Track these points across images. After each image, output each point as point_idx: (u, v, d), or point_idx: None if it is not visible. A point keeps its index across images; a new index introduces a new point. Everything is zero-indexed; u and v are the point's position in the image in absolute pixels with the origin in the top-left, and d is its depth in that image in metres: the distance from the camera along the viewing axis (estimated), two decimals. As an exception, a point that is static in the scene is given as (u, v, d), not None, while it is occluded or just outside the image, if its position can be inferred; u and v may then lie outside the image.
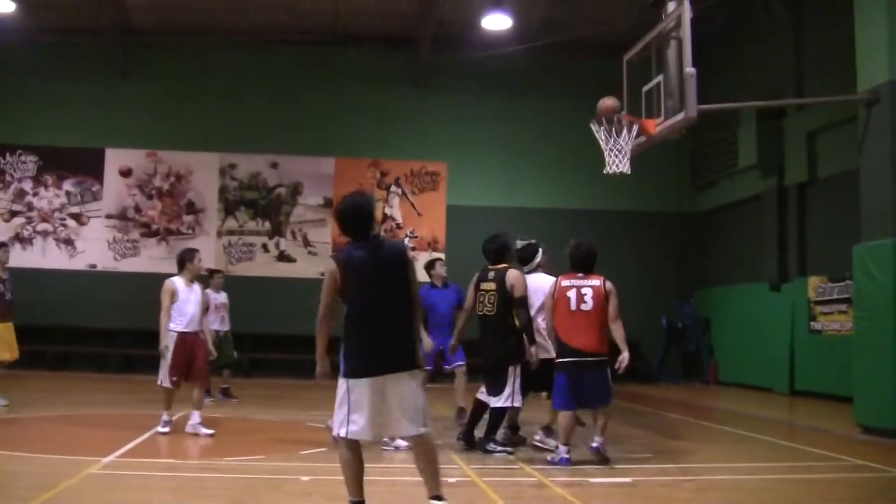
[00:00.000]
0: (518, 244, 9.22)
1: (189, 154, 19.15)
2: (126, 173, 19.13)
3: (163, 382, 8.88)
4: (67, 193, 18.97)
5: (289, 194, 19.29)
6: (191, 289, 8.95)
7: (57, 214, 18.91)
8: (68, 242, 18.88)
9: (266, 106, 19.17)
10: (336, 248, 4.63)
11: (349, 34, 19.06)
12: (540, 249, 8.93)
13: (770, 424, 11.37)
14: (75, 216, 18.97)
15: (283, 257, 19.11)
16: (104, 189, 19.03)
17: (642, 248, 19.25)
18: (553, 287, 7.84)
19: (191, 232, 19.11)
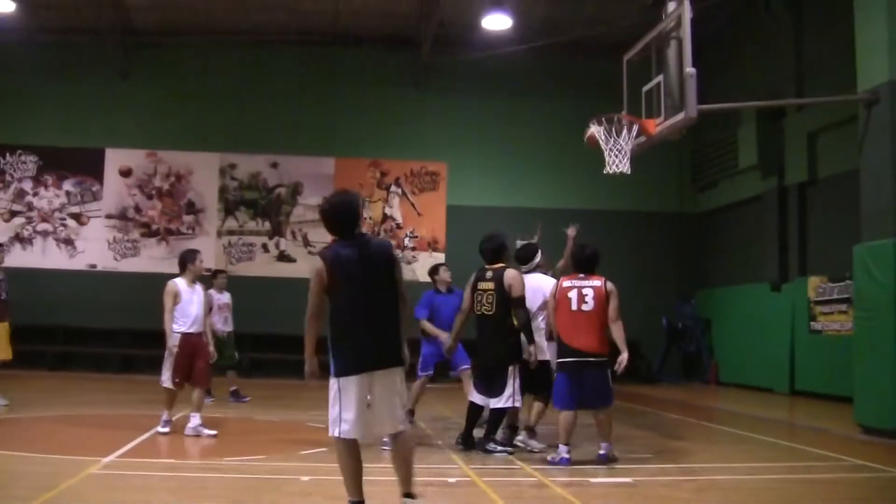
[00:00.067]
0: (518, 244, 9.22)
1: (189, 154, 19.16)
2: (126, 173, 19.13)
3: (165, 383, 8.89)
4: (67, 193, 18.98)
5: (289, 194, 19.29)
6: (193, 290, 8.95)
7: (57, 214, 18.92)
8: (68, 242, 18.88)
9: (266, 106, 19.17)
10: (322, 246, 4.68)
11: (349, 34, 19.07)
12: (539, 250, 8.94)
13: (770, 425, 11.38)
14: (75, 216, 18.98)
15: (283, 257, 19.11)
16: (104, 189, 19.04)
17: (642, 248, 19.24)
18: (555, 287, 7.86)
19: (191, 232, 19.11)
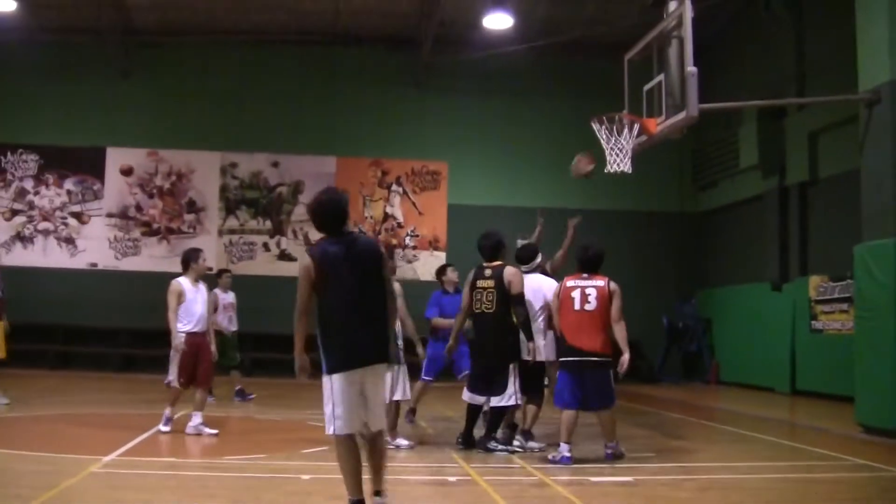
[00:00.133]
0: (518, 243, 9.22)
1: (190, 153, 19.16)
2: (127, 172, 19.13)
3: (172, 383, 8.89)
4: (68, 192, 18.97)
5: (290, 193, 19.29)
6: (197, 288, 8.96)
7: (58, 213, 18.91)
8: (69, 241, 18.88)
9: (267, 105, 19.16)
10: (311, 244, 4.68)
11: (350, 34, 19.06)
12: (539, 251, 8.94)
13: (771, 424, 11.37)
14: (76, 215, 18.97)
15: (284, 256, 19.11)
16: (105, 188, 19.04)
17: (643, 248, 19.21)
18: (559, 287, 7.87)
19: (192, 231, 19.11)
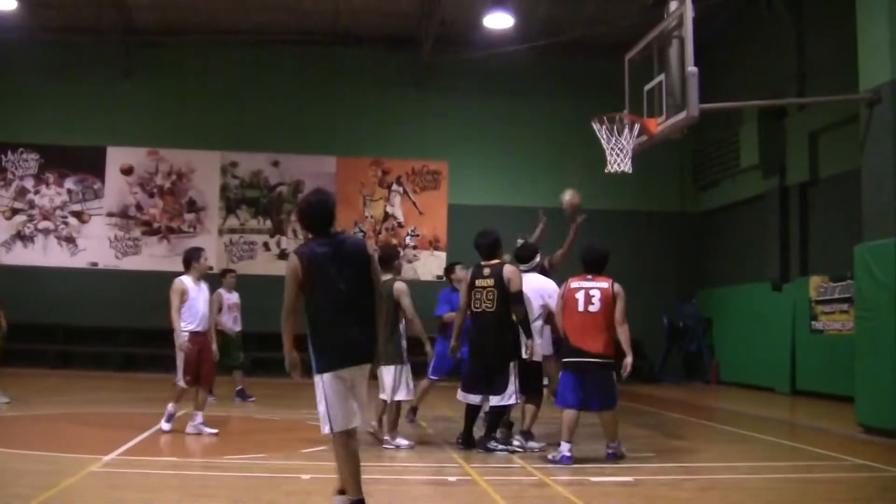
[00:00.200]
0: (518, 242, 9.22)
1: (190, 152, 19.17)
2: (127, 171, 19.13)
3: (179, 382, 8.90)
4: (69, 191, 18.98)
5: (290, 193, 19.28)
6: (199, 287, 8.96)
7: (58, 212, 18.92)
8: (70, 240, 18.88)
9: (267, 105, 19.16)
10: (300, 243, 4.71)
11: (350, 34, 19.06)
12: (539, 251, 8.94)
13: (771, 424, 11.37)
14: (77, 214, 18.98)
15: (285, 256, 19.05)
16: (105, 187, 19.04)
17: (643, 247, 19.20)
18: (563, 288, 7.87)
19: (192, 230, 19.11)
